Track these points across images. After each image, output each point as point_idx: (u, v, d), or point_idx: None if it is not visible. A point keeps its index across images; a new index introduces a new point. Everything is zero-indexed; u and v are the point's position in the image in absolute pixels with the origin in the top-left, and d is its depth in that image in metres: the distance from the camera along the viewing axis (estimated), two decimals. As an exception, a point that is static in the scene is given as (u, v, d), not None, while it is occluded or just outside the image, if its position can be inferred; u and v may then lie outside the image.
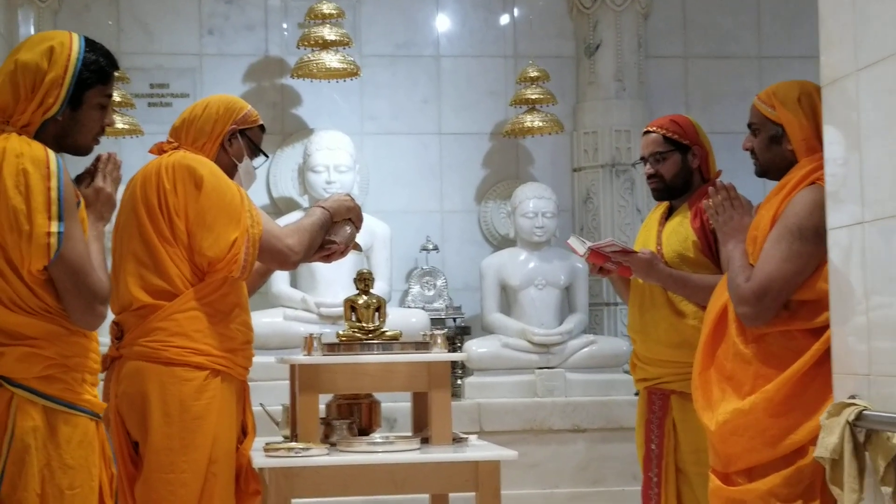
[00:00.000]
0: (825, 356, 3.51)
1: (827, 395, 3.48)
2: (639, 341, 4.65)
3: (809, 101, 3.78)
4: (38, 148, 3.13)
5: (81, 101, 3.27)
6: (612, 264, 4.54)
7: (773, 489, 3.57)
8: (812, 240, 3.59)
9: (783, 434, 3.57)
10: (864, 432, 3.14)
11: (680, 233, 4.54)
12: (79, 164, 3.37)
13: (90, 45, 3.30)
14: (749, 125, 3.95)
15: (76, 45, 3.26)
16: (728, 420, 3.65)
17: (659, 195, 4.68)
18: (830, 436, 3.19)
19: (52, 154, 3.13)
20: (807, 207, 3.63)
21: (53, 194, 3.09)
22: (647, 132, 4.69)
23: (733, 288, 3.73)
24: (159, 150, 3.96)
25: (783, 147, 3.84)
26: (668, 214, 4.67)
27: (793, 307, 3.65)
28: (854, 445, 3.14)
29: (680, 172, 4.59)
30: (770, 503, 3.58)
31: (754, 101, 3.93)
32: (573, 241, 4.67)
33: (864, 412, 3.13)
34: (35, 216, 3.07)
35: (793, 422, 3.56)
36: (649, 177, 4.65)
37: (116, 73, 7.33)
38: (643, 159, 4.68)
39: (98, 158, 3.46)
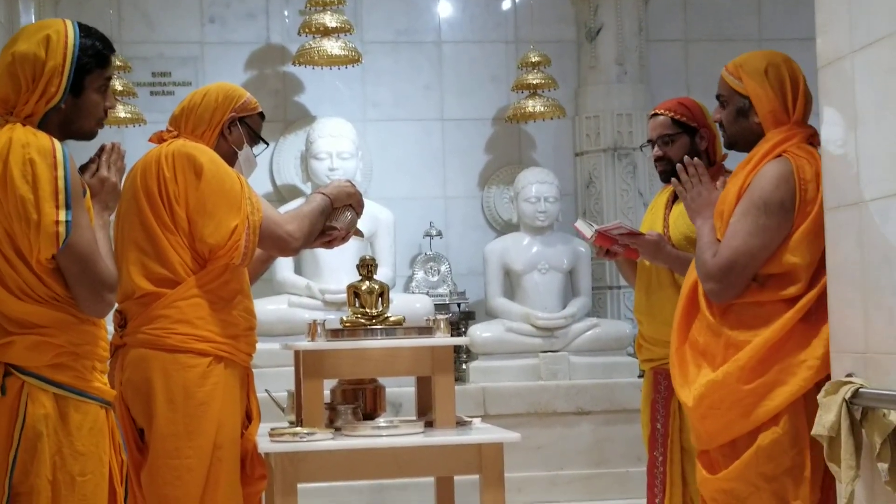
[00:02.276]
0: (798, 324, 3.53)
1: (799, 363, 3.50)
2: (645, 322, 4.67)
3: (776, 73, 3.76)
4: (43, 138, 3.14)
5: (82, 87, 3.26)
6: (618, 247, 4.54)
7: (757, 469, 3.56)
8: (777, 213, 3.59)
9: (757, 401, 3.55)
10: (860, 410, 3.15)
11: (687, 216, 4.55)
12: (82, 153, 3.39)
13: (85, 30, 3.29)
14: (717, 97, 3.91)
15: (71, 31, 3.25)
16: (703, 394, 3.64)
17: (666, 178, 4.65)
18: (828, 413, 3.20)
19: (57, 144, 3.14)
20: (772, 182, 3.61)
21: (61, 183, 3.10)
22: (655, 115, 4.66)
23: (700, 264, 3.72)
24: (159, 138, 3.97)
25: (750, 120, 3.80)
26: (675, 197, 4.67)
27: (761, 279, 3.64)
28: (851, 423, 3.15)
29: (687, 155, 4.58)
30: (759, 485, 3.56)
31: (722, 73, 3.89)
32: (580, 225, 4.67)
33: (861, 390, 3.13)
34: (43, 205, 3.08)
35: (766, 388, 3.55)
36: (657, 159, 4.63)
37: (118, 62, 7.35)
38: (651, 142, 4.67)
39: (102, 148, 3.47)
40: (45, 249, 3.10)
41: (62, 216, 3.09)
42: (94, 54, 3.29)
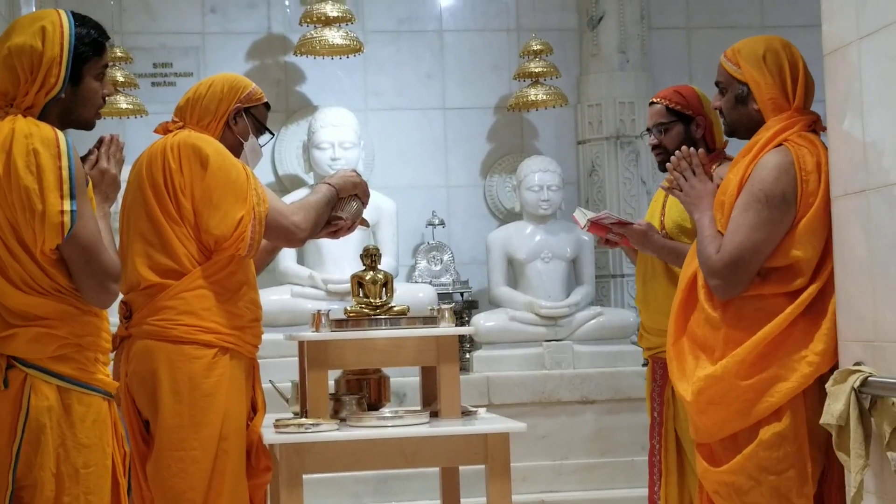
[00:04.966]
0: (799, 318, 3.46)
1: (799, 358, 3.43)
2: (643, 311, 4.72)
3: (775, 59, 3.68)
4: (46, 128, 3.14)
5: (81, 76, 3.26)
6: (614, 235, 4.56)
7: (759, 462, 3.47)
8: (779, 206, 3.49)
9: (756, 397, 3.46)
10: (869, 398, 3.14)
11: (680, 204, 4.54)
12: (81, 144, 3.38)
13: (79, 19, 3.29)
14: (716, 83, 3.82)
15: (66, 21, 3.25)
16: (702, 388, 3.54)
17: (663, 166, 4.67)
18: (836, 402, 3.18)
19: (60, 134, 3.14)
20: (772, 173, 3.52)
21: (65, 173, 3.09)
22: (652, 103, 4.70)
23: (704, 260, 3.60)
24: (164, 129, 3.97)
25: (749, 107, 3.70)
26: (674, 185, 4.68)
27: (764, 273, 3.54)
28: (860, 412, 3.13)
29: (683, 143, 4.55)
30: (760, 479, 3.47)
31: (720, 59, 3.80)
32: (577, 214, 4.70)
33: (870, 378, 3.12)
34: (47, 195, 3.07)
35: (765, 384, 3.46)
36: (653, 147, 4.68)
37: (119, 53, 7.32)
38: (648, 130, 4.70)
39: (101, 140, 3.48)
40: (50, 239, 3.09)
41: (67, 206, 3.09)
42: (91, 42, 3.28)
